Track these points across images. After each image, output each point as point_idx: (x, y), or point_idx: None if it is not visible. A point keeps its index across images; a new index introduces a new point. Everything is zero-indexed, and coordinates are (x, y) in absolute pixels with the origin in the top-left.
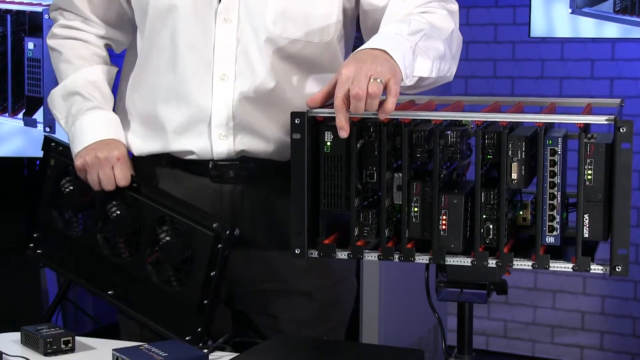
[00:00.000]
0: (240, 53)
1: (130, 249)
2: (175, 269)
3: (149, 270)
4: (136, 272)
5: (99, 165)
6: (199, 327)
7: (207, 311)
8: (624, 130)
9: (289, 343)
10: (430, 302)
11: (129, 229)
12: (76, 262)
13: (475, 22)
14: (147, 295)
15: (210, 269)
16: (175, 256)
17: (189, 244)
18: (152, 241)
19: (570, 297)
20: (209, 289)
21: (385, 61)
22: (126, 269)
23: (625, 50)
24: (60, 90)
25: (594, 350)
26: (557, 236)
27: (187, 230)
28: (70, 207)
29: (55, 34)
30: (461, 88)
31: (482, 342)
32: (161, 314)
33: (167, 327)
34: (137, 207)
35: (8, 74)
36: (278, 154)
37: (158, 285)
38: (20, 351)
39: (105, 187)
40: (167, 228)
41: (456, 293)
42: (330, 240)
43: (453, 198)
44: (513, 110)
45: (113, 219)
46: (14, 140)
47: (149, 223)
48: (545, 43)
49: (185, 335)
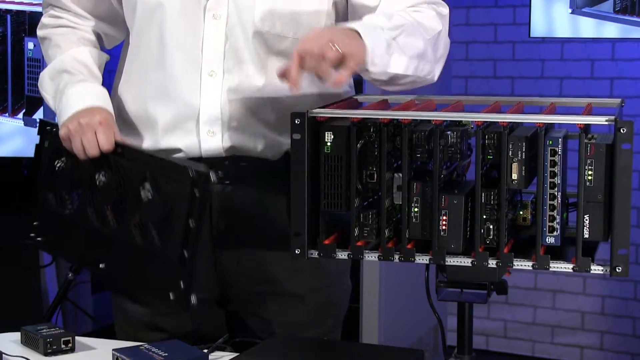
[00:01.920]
0: (228, 49)
1: (117, 216)
2: (157, 226)
3: (134, 233)
4: (122, 238)
5: (82, 132)
6: (180, 281)
7: (189, 265)
8: (624, 131)
9: (288, 343)
10: (430, 302)
11: (115, 195)
12: (74, 243)
13: (475, 22)
14: (133, 261)
15: (188, 218)
16: (157, 213)
17: (167, 198)
18: (136, 203)
19: (570, 297)
20: (188, 240)
21: (354, 39)
22: (114, 237)
23: (625, 50)
24: (48, 71)
25: (594, 350)
26: (557, 236)
27: (165, 184)
28: (64, 186)
29: (44, 24)
30: (461, 88)
31: (482, 342)
32: (146, 278)
33: (152, 292)
34: (121, 171)
35: (8, 74)
36: (268, 152)
37: (142, 247)
38: (20, 351)
39: (89, 153)
40: (148, 186)
41: (456, 293)
42: (330, 241)
43: (453, 198)
44: (513, 110)
45: (100, 188)
46: (14, 140)
47: (132, 185)
48: (545, 43)
49: (169, 293)
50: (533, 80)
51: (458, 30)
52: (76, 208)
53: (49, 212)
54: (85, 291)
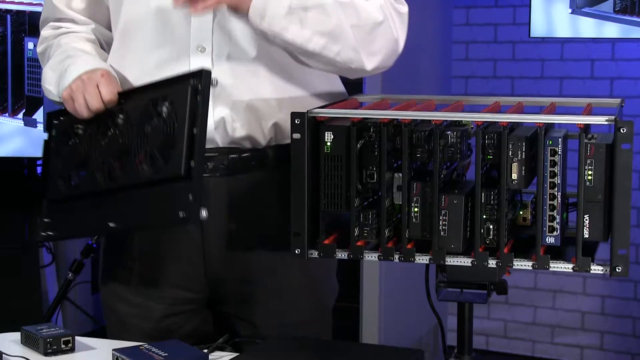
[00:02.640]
0: (217, 24)
1: (124, 163)
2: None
3: (140, 171)
4: (130, 181)
5: (84, 87)
6: (189, 194)
7: (196, 174)
8: (624, 131)
9: (288, 343)
10: (430, 302)
11: (122, 144)
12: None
13: (475, 22)
14: (140, 200)
15: (192, 127)
16: (160, 136)
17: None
18: (141, 141)
19: (570, 297)
20: (194, 148)
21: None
22: (121, 187)
23: (625, 50)
24: (50, 64)
25: (594, 350)
26: (557, 236)
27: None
28: (73, 165)
29: (44, 37)
30: (461, 88)
31: (482, 342)
32: (155, 209)
33: (162, 219)
34: (125, 117)
35: (8, 74)
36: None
37: (149, 179)
38: (20, 351)
39: (92, 107)
40: (152, 114)
41: (456, 293)
42: (330, 241)
43: (453, 198)
44: (513, 110)
45: (107, 144)
46: (14, 140)
47: (138, 125)
48: (545, 43)
49: (179, 212)
50: (533, 80)
51: (458, 30)
52: (85, 179)
53: (59, 202)
54: (85, 291)
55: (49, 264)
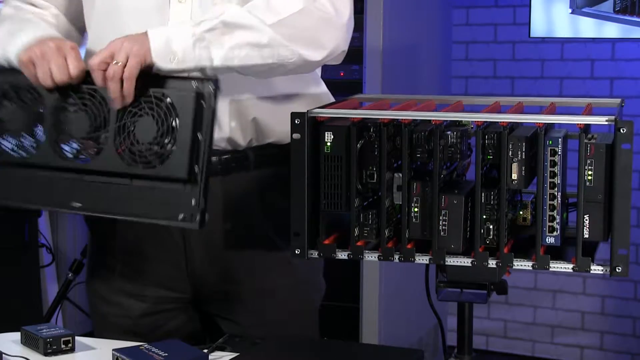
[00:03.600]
0: None
1: (96, 146)
2: (156, 143)
3: (124, 159)
4: (108, 167)
5: (51, 55)
6: (192, 199)
7: (201, 179)
8: (624, 131)
9: (288, 343)
10: (430, 302)
11: (92, 124)
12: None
13: (475, 22)
14: (126, 189)
15: (195, 132)
16: (152, 131)
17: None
18: (120, 127)
19: (570, 297)
20: (198, 154)
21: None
22: (94, 170)
23: (625, 50)
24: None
25: (594, 350)
26: (557, 236)
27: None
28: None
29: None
30: (461, 88)
31: (482, 342)
32: (147, 204)
33: (156, 216)
34: (98, 96)
35: None
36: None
37: (137, 172)
38: (20, 351)
39: (57, 79)
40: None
41: (456, 293)
42: (330, 241)
43: (453, 198)
44: (513, 110)
45: (71, 119)
46: None
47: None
48: (545, 43)
49: (178, 214)
50: (533, 80)
51: (458, 30)
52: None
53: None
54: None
55: (49, 264)
